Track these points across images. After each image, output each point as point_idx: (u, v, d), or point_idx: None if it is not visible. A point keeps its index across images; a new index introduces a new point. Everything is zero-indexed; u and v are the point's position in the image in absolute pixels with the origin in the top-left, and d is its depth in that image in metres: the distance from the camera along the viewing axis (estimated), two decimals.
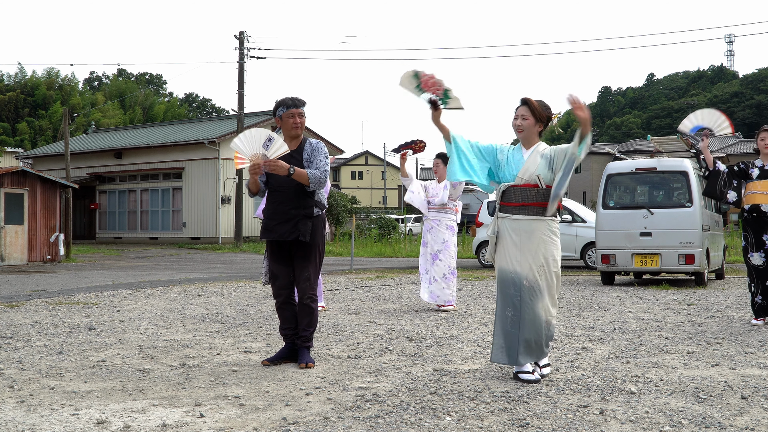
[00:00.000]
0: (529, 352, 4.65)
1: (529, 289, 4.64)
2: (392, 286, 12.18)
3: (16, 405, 4.15)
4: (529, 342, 4.65)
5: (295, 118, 5.34)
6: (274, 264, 5.38)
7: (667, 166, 11.98)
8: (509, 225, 4.74)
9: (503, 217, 4.78)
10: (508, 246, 4.72)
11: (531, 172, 4.71)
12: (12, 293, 11.12)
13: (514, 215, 4.72)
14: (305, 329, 5.33)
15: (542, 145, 4.81)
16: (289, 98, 5.39)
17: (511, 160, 4.81)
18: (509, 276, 4.70)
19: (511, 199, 4.75)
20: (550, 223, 4.72)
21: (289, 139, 5.38)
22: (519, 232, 4.69)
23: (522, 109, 4.81)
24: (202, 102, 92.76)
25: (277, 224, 5.25)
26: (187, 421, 3.77)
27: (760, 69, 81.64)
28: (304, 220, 5.23)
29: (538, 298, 4.65)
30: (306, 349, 5.32)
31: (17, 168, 20.68)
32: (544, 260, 4.67)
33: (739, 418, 3.76)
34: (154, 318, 7.97)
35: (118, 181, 35.17)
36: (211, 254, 25.31)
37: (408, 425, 3.67)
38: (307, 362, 5.19)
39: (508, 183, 4.77)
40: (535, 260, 4.65)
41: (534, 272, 4.65)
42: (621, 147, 54.14)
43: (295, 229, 5.21)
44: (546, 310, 4.68)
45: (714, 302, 9.24)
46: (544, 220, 4.70)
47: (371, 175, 74.48)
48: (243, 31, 30.70)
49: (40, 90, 67.94)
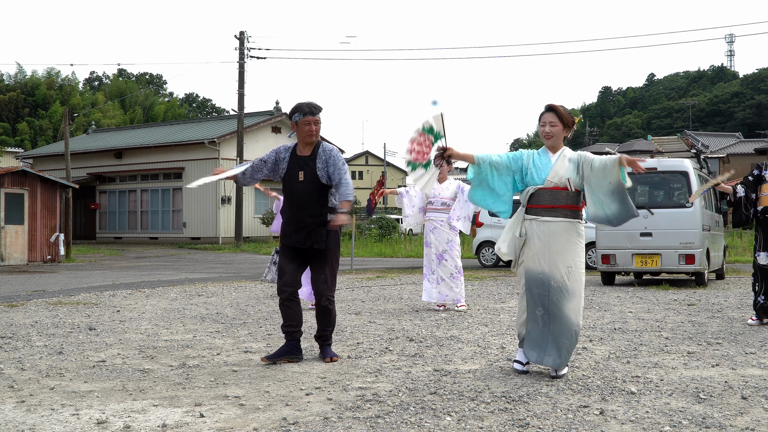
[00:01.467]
0: (559, 355, 4.71)
1: (557, 290, 4.69)
2: (392, 286, 12.18)
3: (17, 405, 4.15)
4: (560, 345, 4.71)
5: (311, 125, 5.36)
6: (284, 260, 5.46)
7: (667, 166, 11.98)
8: (537, 227, 4.78)
9: (531, 219, 4.82)
10: (537, 247, 4.77)
11: (561, 175, 4.78)
12: (12, 293, 11.12)
13: (543, 217, 4.77)
14: (325, 329, 5.50)
15: (567, 150, 4.90)
16: (305, 104, 5.38)
17: (538, 163, 4.88)
18: (537, 276, 4.76)
19: (539, 201, 4.80)
20: (578, 225, 4.79)
21: (304, 145, 5.44)
22: (548, 234, 4.74)
23: (549, 116, 4.87)
24: (202, 102, 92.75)
25: (292, 231, 5.36)
26: (187, 421, 3.77)
27: (761, 69, 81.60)
28: (317, 228, 5.30)
29: (567, 300, 4.70)
30: (328, 346, 5.51)
31: (17, 168, 20.67)
32: (572, 262, 4.72)
33: (739, 419, 3.76)
34: (155, 318, 7.97)
35: (118, 181, 35.17)
36: (211, 254, 25.31)
37: (408, 425, 3.67)
38: (332, 356, 5.41)
39: (537, 186, 4.81)
40: (563, 262, 4.70)
41: (562, 273, 4.69)
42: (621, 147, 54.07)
43: (309, 237, 5.31)
44: (576, 312, 4.72)
45: (714, 302, 9.24)
46: (573, 222, 4.76)
47: (371, 175, 74.47)
48: (243, 31, 30.72)
49: (40, 90, 67.93)
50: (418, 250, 23.39)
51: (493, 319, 7.73)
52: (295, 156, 5.44)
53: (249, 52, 30.74)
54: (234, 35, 31.12)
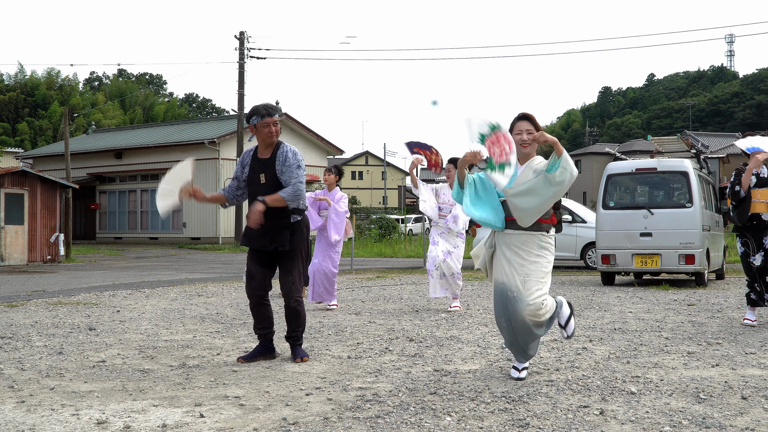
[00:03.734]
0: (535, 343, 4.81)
1: (513, 299, 4.67)
2: (392, 286, 12.18)
3: (17, 405, 4.15)
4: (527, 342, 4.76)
5: (270, 127, 5.30)
6: (252, 264, 5.42)
7: (667, 167, 11.98)
8: (501, 239, 4.78)
9: (497, 231, 4.81)
10: (500, 258, 4.77)
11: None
12: (12, 293, 11.12)
13: (507, 229, 4.74)
14: (295, 329, 5.45)
15: (537, 159, 4.77)
16: (262, 106, 5.32)
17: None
18: (499, 287, 4.77)
19: (505, 213, 4.75)
20: (541, 237, 4.69)
21: (264, 147, 5.39)
22: (509, 246, 4.72)
23: (525, 124, 4.76)
24: (202, 102, 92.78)
25: (256, 235, 5.30)
26: (188, 422, 3.77)
27: (761, 69, 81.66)
28: (281, 231, 5.28)
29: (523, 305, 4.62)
30: (299, 346, 5.47)
31: (17, 168, 20.68)
32: (530, 271, 4.64)
33: (739, 419, 3.76)
34: (155, 318, 7.97)
35: (118, 182, 35.18)
36: (211, 254, 25.31)
37: (408, 425, 3.67)
38: (302, 356, 5.39)
39: (502, 198, 4.76)
40: (519, 273, 4.66)
41: (517, 283, 4.65)
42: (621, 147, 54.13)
43: (273, 240, 5.28)
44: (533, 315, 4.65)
45: (714, 302, 9.24)
46: (534, 234, 4.68)
47: (371, 175, 74.45)
48: (243, 31, 30.72)
49: (40, 90, 67.95)
50: (418, 250, 23.38)
51: (492, 319, 7.71)
52: (257, 159, 5.40)
53: (249, 52, 30.75)
54: (234, 35, 31.16)
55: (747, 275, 7.38)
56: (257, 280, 5.39)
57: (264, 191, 5.25)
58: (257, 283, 5.39)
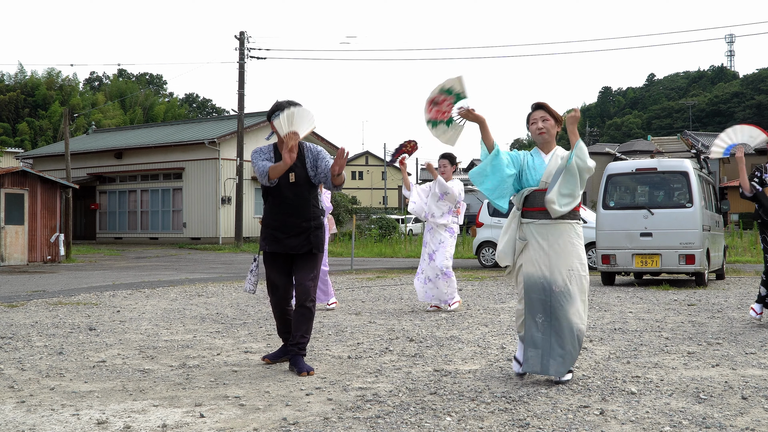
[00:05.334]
0: (564, 363, 4.56)
1: (560, 294, 4.55)
2: (392, 286, 12.17)
3: (17, 405, 4.15)
4: (564, 352, 4.55)
5: None
6: (274, 274, 5.18)
7: (667, 167, 11.98)
8: (535, 230, 4.65)
9: (528, 223, 4.69)
10: (536, 251, 4.64)
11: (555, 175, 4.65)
12: (12, 293, 11.12)
13: (541, 219, 4.64)
14: (303, 336, 5.07)
15: (560, 149, 4.79)
16: (286, 102, 5.14)
17: (532, 164, 4.74)
18: (538, 281, 4.61)
19: (535, 203, 4.68)
20: (576, 226, 4.67)
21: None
22: (546, 237, 4.62)
23: (540, 113, 4.77)
24: (202, 102, 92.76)
25: (287, 237, 5.07)
26: (188, 422, 3.77)
27: (761, 69, 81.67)
28: (315, 232, 5.12)
29: (569, 304, 4.55)
30: (302, 357, 5.08)
31: (17, 168, 20.67)
32: (573, 265, 4.59)
33: (739, 419, 3.76)
34: (155, 318, 7.97)
35: (118, 182, 35.17)
36: (211, 254, 25.31)
37: (408, 425, 3.67)
38: (308, 370, 4.94)
39: (533, 188, 4.70)
40: (564, 265, 4.58)
41: (564, 277, 4.56)
42: (621, 147, 54.11)
43: (308, 242, 5.09)
44: (579, 315, 4.57)
45: (714, 302, 9.24)
46: (571, 223, 4.64)
47: (371, 175, 74.47)
48: (243, 32, 30.71)
49: (40, 90, 67.92)
50: (418, 250, 23.37)
51: (493, 319, 7.72)
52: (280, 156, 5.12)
53: (249, 52, 30.74)
54: (234, 35, 31.14)
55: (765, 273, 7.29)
56: (281, 289, 5.19)
57: (293, 190, 5.05)
58: (282, 292, 5.20)
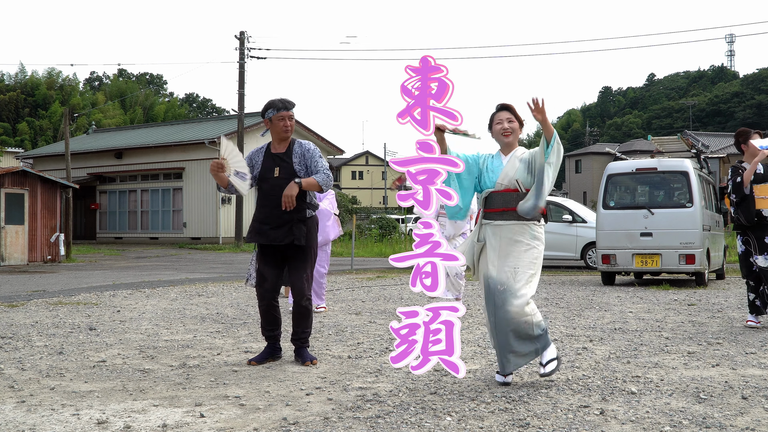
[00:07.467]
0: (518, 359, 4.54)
1: (502, 292, 4.54)
2: (393, 286, 12.18)
3: (17, 405, 4.15)
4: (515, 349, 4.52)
5: (286, 120, 5.29)
6: (265, 267, 5.34)
7: (667, 166, 11.98)
8: (491, 231, 4.69)
9: (486, 224, 4.73)
10: (489, 251, 4.67)
11: (510, 176, 4.65)
12: (12, 293, 11.12)
13: (496, 221, 4.67)
14: (303, 331, 5.37)
15: (521, 150, 4.77)
16: (278, 100, 5.33)
17: (490, 166, 4.75)
18: (488, 282, 4.63)
19: (492, 205, 4.71)
20: (533, 226, 4.63)
21: (278, 141, 5.36)
22: (499, 238, 4.64)
23: (506, 113, 4.77)
24: (202, 102, 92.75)
25: (270, 229, 5.22)
26: (188, 422, 3.77)
27: (761, 69, 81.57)
28: (298, 224, 5.22)
29: (513, 298, 4.50)
30: (305, 348, 5.39)
31: (18, 168, 20.68)
32: (519, 263, 4.56)
33: (739, 419, 3.76)
34: (155, 318, 7.97)
35: (118, 181, 35.18)
36: (211, 254, 25.31)
37: (408, 425, 3.67)
38: (311, 360, 5.28)
39: (489, 189, 4.72)
40: (509, 264, 4.57)
41: (508, 276, 4.54)
42: (621, 147, 54.14)
43: (290, 233, 5.20)
44: (519, 308, 4.49)
45: (714, 302, 9.24)
46: (526, 224, 4.62)
47: (371, 175, 74.48)
48: (243, 31, 30.72)
49: (40, 90, 67.92)
50: None
51: None
52: (270, 154, 5.35)
53: (249, 52, 30.75)
54: (234, 35, 31.14)
55: (747, 278, 7.13)
56: (269, 282, 5.33)
57: (278, 183, 5.19)
58: (269, 285, 5.34)
